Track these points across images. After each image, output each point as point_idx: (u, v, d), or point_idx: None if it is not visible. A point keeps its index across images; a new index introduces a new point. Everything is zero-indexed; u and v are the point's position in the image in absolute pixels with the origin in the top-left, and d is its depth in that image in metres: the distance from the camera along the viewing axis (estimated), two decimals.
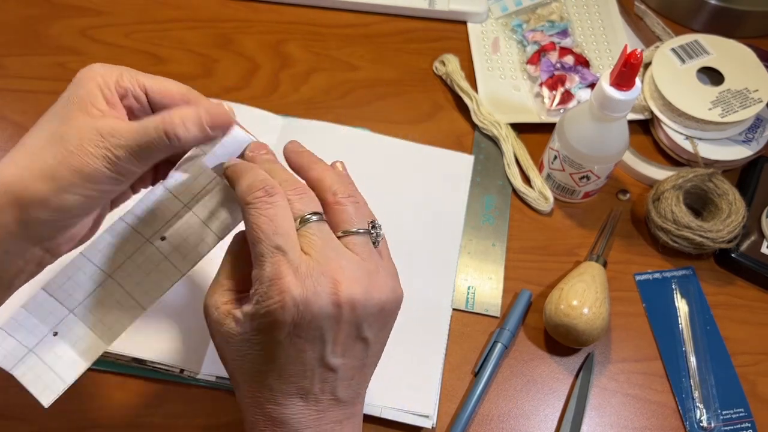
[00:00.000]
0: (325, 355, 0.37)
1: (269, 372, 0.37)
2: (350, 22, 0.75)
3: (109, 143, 0.36)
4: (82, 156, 0.35)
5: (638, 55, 0.50)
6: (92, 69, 0.38)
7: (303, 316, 0.35)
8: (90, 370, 0.53)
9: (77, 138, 0.35)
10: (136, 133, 0.36)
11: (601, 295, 0.55)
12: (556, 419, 0.54)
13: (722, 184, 0.61)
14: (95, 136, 0.36)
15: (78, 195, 0.36)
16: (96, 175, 0.36)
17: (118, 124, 0.36)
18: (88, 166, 0.35)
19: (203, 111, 0.38)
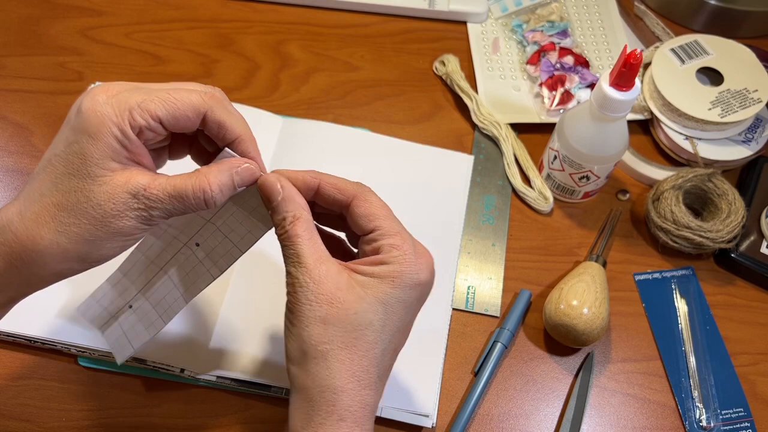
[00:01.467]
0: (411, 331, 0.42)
1: (388, 342, 0.39)
2: (350, 22, 0.75)
3: (142, 203, 0.37)
4: (119, 220, 0.36)
5: (638, 56, 0.50)
6: (98, 111, 0.36)
7: (430, 283, 0.41)
8: (90, 369, 0.53)
9: (112, 203, 0.36)
10: (173, 196, 0.37)
11: (600, 295, 0.55)
12: (555, 419, 0.54)
13: (722, 184, 0.61)
14: (129, 198, 0.36)
15: (115, 249, 0.38)
16: (132, 232, 0.37)
17: (150, 183, 0.37)
18: (125, 227, 0.37)
19: (236, 175, 0.39)
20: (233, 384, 0.52)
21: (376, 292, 0.38)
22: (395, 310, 0.38)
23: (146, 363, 0.52)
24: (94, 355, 0.53)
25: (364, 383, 0.37)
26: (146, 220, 0.37)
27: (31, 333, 0.52)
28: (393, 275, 0.38)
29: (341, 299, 0.37)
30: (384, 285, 0.38)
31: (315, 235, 0.39)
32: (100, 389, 0.52)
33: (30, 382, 0.52)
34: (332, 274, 0.38)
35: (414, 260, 0.39)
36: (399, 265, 0.38)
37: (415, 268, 0.39)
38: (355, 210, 0.40)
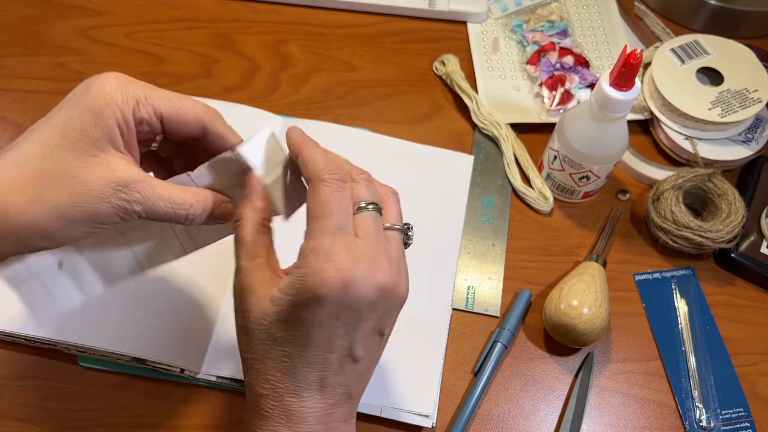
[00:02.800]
0: (353, 345, 0.38)
1: (297, 356, 0.37)
2: (350, 22, 0.75)
3: (130, 197, 0.36)
4: (98, 203, 0.35)
5: (638, 56, 0.50)
6: (107, 92, 0.36)
7: (348, 297, 0.36)
8: (90, 369, 0.53)
9: (100, 184, 0.35)
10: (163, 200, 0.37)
11: (600, 295, 0.55)
12: (555, 419, 0.54)
13: (722, 184, 0.61)
14: (120, 187, 0.36)
15: (82, 232, 0.36)
16: (105, 220, 0.36)
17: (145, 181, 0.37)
18: (102, 213, 0.36)
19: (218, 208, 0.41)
20: (233, 384, 0.52)
21: (277, 308, 0.37)
22: (296, 328, 0.36)
23: (146, 363, 0.52)
24: (94, 355, 0.53)
25: (279, 391, 0.37)
26: (124, 212, 0.36)
27: (31, 333, 0.52)
28: (290, 289, 0.36)
29: (254, 313, 0.37)
30: (283, 302, 0.36)
31: (257, 238, 0.39)
32: (100, 389, 0.52)
33: (30, 382, 0.52)
34: (255, 285, 0.38)
35: (313, 276, 0.35)
36: (298, 278, 0.36)
37: (312, 283, 0.35)
38: (308, 198, 0.39)
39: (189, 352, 0.53)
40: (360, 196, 0.39)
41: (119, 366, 0.53)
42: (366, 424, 0.52)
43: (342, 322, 0.37)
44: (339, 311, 0.36)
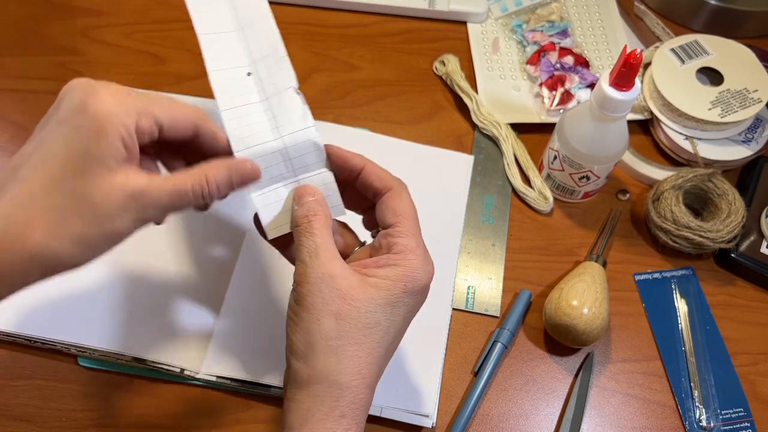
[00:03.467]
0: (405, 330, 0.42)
1: (391, 341, 0.39)
2: (350, 22, 0.75)
3: (140, 205, 0.36)
4: (114, 221, 0.36)
5: (638, 56, 0.50)
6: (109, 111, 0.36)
7: (428, 289, 0.41)
8: (90, 369, 0.53)
9: (108, 203, 0.35)
10: (171, 195, 0.37)
11: (600, 295, 0.55)
12: (555, 419, 0.54)
13: (722, 184, 0.61)
14: (127, 200, 0.36)
15: (106, 249, 0.37)
16: (125, 233, 0.37)
17: (149, 184, 0.37)
18: (119, 228, 0.36)
19: (234, 172, 0.40)
20: (233, 384, 0.52)
21: (386, 293, 0.38)
22: (401, 312, 0.39)
23: (146, 363, 0.52)
24: (94, 355, 0.53)
25: (367, 381, 0.38)
26: (141, 221, 0.37)
27: (31, 333, 0.52)
28: (404, 279, 0.39)
29: (354, 296, 0.38)
30: (394, 288, 0.39)
31: (331, 235, 0.41)
32: (100, 389, 0.52)
33: (30, 382, 0.52)
34: (346, 271, 0.39)
35: (422, 266, 0.40)
36: (409, 269, 0.39)
37: (422, 273, 0.40)
38: (386, 201, 0.42)
39: (189, 352, 0.53)
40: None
41: (119, 366, 0.53)
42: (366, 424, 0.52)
43: (418, 309, 0.41)
44: (423, 300, 0.41)
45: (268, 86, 0.44)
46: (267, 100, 0.44)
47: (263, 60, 0.45)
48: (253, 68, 0.45)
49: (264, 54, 0.45)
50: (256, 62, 0.45)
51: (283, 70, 0.44)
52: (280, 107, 0.43)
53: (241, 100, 0.43)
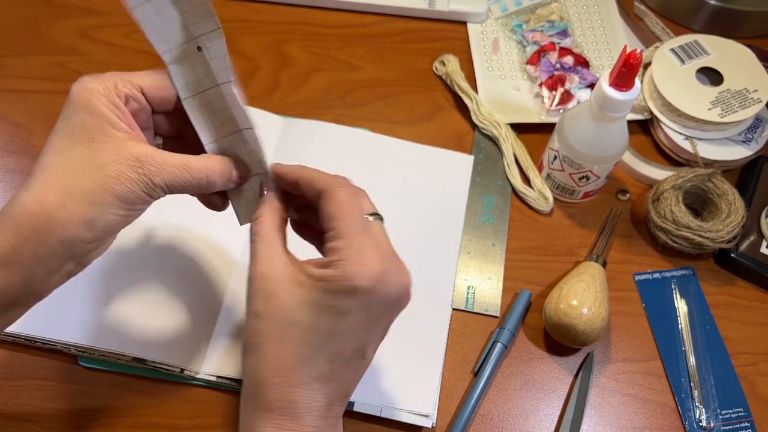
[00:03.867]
0: (368, 342, 0.39)
1: (317, 344, 0.37)
2: (350, 22, 0.75)
3: (147, 170, 0.38)
4: (122, 182, 0.37)
5: (638, 56, 0.50)
6: (86, 87, 0.38)
7: (378, 292, 0.37)
8: (90, 369, 0.53)
9: (116, 164, 0.37)
10: (178, 168, 0.39)
11: (600, 295, 0.55)
12: (555, 419, 0.54)
13: (722, 184, 0.61)
14: (134, 162, 0.38)
15: (119, 216, 0.38)
16: (134, 199, 0.38)
17: (154, 151, 0.39)
18: (129, 191, 0.38)
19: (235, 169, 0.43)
20: (233, 384, 0.52)
21: (308, 293, 0.37)
22: (326, 314, 0.37)
23: (146, 363, 0.52)
24: (94, 355, 0.53)
25: (290, 381, 0.37)
26: (147, 187, 0.38)
27: (31, 333, 0.52)
28: (326, 278, 0.37)
29: (277, 296, 0.38)
30: (316, 287, 0.37)
31: (274, 233, 0.40)
32: (100, 389, 0.53)
33: (30, 382, 0.52)
34: (277, 271, 0.38)
35: (351, 267, 0.37)
36: (335, 269, 0.37)
37: (350, 273, 0.36)
38: (320, 208, 0.40)
39: (189, 352, 0.53)
40: (366, 207, 0.40)
41: (119, 366, 0.53)
42: (366, 424, 0.52)
43: (367, 316, 0.38)
44: (368, 305, 0.37)
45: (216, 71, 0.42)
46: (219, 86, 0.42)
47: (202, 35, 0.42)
48: (201, 42, 0.42)
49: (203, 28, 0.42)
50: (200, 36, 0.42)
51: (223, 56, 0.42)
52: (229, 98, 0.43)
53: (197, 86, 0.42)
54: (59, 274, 0.39)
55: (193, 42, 0.40)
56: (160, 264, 0.56)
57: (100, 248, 0.40)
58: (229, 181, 0.42)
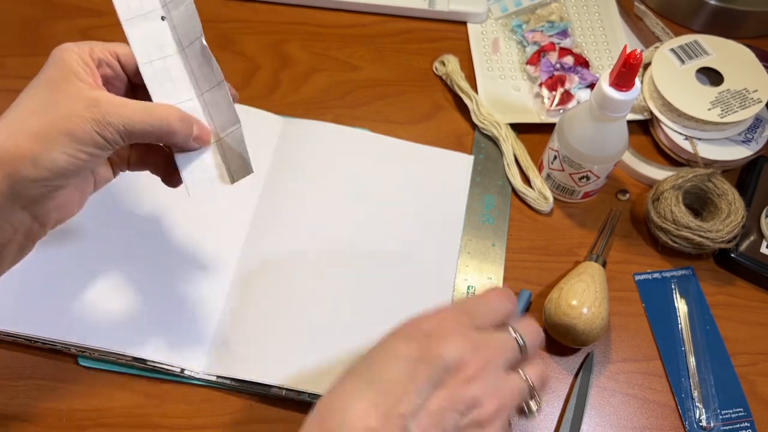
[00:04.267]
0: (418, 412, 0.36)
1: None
2: (350, 22, 0.75)
3: (104, 110, 0.38)
4: (73, 119, 0.37)
5: (638, 56, 0.50)
6: (63, 47, 0.40)
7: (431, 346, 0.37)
8: (90, 369, 0.53)
9: (70, 103, 0.38)
10: (139, 111, 0.39)
11: (600, 295, 0.55)
12: (555, 419, 0.54)
13: (722, 184, 0.61)
14: (91, 102, 0.38)
15: (66, 155, 0.37)
16: (85, 138, 0.38)
17: (112, 97, 0.39)
18: (80, 128, 0.37)
19: (195, 124, 0.43)
20: (233, 384, 0.52)
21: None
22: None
23: (146, 363, 0.52)
24: (94, 355, 0.53)
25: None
26: (100, 127, 0.38)
27: (31, 333, 0.52)
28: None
29: None
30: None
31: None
32: (100, 389, 0.52)
33: (30, 382, 0.52)
34: None
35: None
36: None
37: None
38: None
39: (189, 352, 0.53)
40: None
41: (119, 366, 0.53)
42: None
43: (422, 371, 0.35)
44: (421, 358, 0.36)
45: (182, 36, 0.44)
46: (183, 51, 0.44)
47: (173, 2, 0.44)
48: (166, 11, 0.44)
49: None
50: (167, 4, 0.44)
51: (192, 16, 0.44)
52: (195, 61, 0.44)
53: (158, 52, 0.43)
54: (12, 226, 0.38)
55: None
56: (160, 264, 0.56)
57: (52, 200, 0.39)
58: (189, 136, 0.42)
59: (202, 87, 0.44)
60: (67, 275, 0.55)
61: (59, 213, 0.41)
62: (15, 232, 0.39)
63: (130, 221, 0.58)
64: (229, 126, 0.44)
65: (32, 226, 0.39)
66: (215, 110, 0.44)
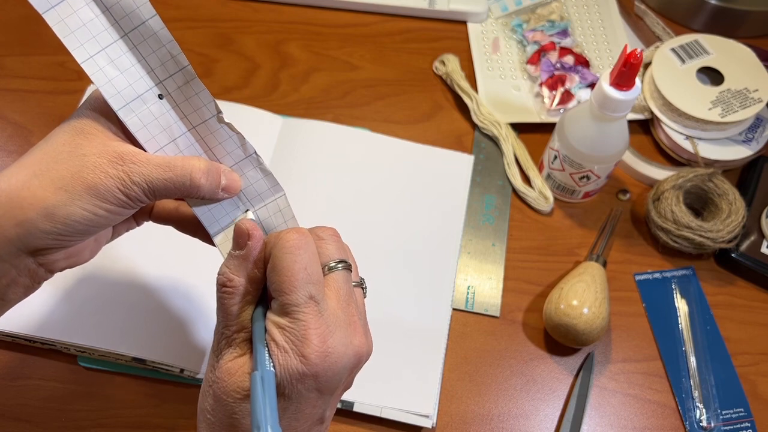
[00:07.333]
0: (326, 410, 0.36)
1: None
2: (350, 22, 0.75)
3: (128, 168, 0.35)
4: (97, 173, 0.35)
5: (638, 55, 0.50)
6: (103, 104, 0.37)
7: (328, 370, 0.34)
8: (90, 369, 0.53)
9: (96, 155, 0.35)
10: (160, 167, 0.36)
11: (600, 295, 0.55)
12: (556, 419, 0.54)
13: (722, 184, 0.61)
14: (115, 157, 0.35)
15: (85, 211, 0.35)
16: (107, 195, 0.35)
17: (140, 152, 0.36)
18: (102, 184, 0.35)
19: (223, 173, 0.39)
20: None
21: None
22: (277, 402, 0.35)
23: (146, 363, 0.52)
24: (94, 355, 0.53)
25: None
26: (123, 185, 0.35)
27: (31, 333, 0.52)
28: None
29: (225, 383, 0.36)
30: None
31: (243, 310, 0.37)
32: (100, 389, 0.52)
33: (30, 382, 0.52)
34: (232, 357, 0.36)
35: (291, 359, 0.34)
36: (275, 357, 0.34)
37: (291, 364, 0.34)
38: (269, 272, 0.36)
39: (189, 352, 0.53)
40: (330, 254, 0.37)
41: (119, 366, 0.53)
42: (366, 424, 0.52)
43: (320, 393, 0.35)
44: (319, 385, 0.35)
45: (188, 112, 0.38)
46: (194, 129, 0.38)
47: (171, 78, 0.38)
48: (162, 88, 0.38)
49: (168, 70, 0.38)
50: (163, 81, 0.38)
51: (199, 92, 0.38)
52: (211, 139, 0.39)
53: (164, 138, 0.38)
54: (17, 269, 0.36)
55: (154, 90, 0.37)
56: (159, 264, 0.56)
57: (61, 250, 0.37)
58: (217, 187, 0.38)
59: (227, 163, 0.39)
60: (67, 275, 0.55)
61: (68, 261, 0.39)
62: (19, 274, 0.37)
63: None
64: (268, 196, 0.40)
65: (38, 270, 0.37)
66: (245, 182, 0.40)
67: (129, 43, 0.37)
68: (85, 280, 0.55)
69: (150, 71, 0.37)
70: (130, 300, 0.54)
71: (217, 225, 0.40)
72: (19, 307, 0.47)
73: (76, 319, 0.53)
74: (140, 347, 0.52)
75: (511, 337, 0.57)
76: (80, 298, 0.54)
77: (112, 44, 0.36)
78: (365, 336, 0.37)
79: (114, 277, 0.55)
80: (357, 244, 0.59)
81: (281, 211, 0.41)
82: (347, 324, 0.36)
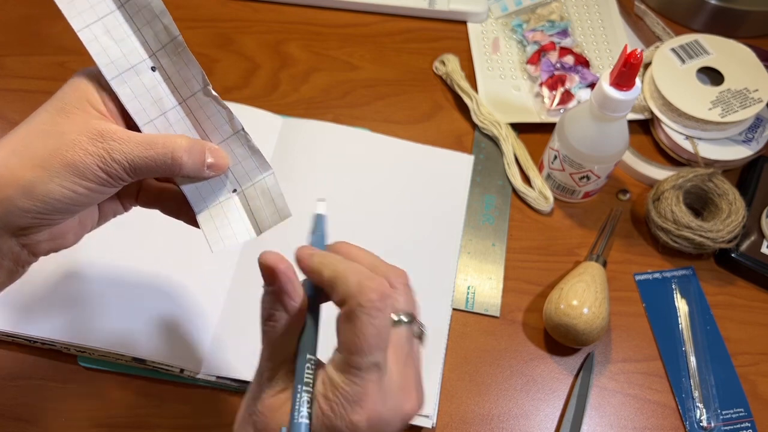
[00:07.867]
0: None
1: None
2: (350, 22, 0.75)
3: (108, 146, 0.35)
4: (76, 150, 0.34)
5: (638, 55, 0.50)
6: (87, 69, 0.38)
7: (379, 429, 0.34)
8: (90, 369, 0.53)
9: (75, 133, 0.35)
10: (141, 145, 0.35)
11: (600, 295, 0.55)
12: (556, 419, 0.54)
13: (722, 184, 0.61)
14: (95, 135, 0.35)
15: (64, 188, 0.35)
16: (86, 173, 0.35)
17: (122, 130, 0.36)
18: (81, 161, 0.34)
19: (209, 150, 0.38)
20: (233, 384, 0.52)
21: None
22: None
23: (146, 363, 0.52)
24: (94, 355, 0.53)
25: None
26: (103, 162, 0.35)
27: (31, 333, 0.52)
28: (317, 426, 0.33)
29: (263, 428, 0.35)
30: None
31: (286, 342, 0.36)
32: (100, 389, 0.52)
33: (30, 382, 0.52)
34: (274, 403, 0.35)
35: (342, 417, 0.33)
36: (325, 417, 0.33)
37: (339, 425, 0.33)
38: (338, 321, 0.35)
39: (189, 352, 0.53)
40: (398, 306, 0.36)
41: (119, 366, 0.53)
42: None
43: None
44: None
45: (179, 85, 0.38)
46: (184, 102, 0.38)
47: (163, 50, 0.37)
48: (155, 60, 0.37)
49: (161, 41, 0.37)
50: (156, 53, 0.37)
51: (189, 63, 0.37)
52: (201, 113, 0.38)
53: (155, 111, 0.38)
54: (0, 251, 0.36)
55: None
56: (159, 264, 0.56)
57: (44, 231, 0.36)
58: (202, 165, 0.37)
59: (215, 139, 0.39)
60: (67, 275, 0.55)
61: (52, 243, 0.38)
62: (2, 257, 0.36)
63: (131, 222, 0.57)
64: (256, 175, 0.40)
65: (21, 252, 0.37)
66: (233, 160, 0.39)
67: (125, 14, 0.37)
68: (86, 280, 0.55)
69: (144, 42, 0.37)
70: (130, 300, 0.54)
71: (203, 203, 0.40)
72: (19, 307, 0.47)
73: (76, 319, 0.53)
74: (140, 347, 0.52)
75: (511, 337, 0.57)
76: (80, 298, 0.54)
77: (108, 14, 0.36)
78: (417, 398, 0.36)
79: (114, 277, 0.55)
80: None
81: (269, 190, 0.40)
82: (401, 389, 0.35)
